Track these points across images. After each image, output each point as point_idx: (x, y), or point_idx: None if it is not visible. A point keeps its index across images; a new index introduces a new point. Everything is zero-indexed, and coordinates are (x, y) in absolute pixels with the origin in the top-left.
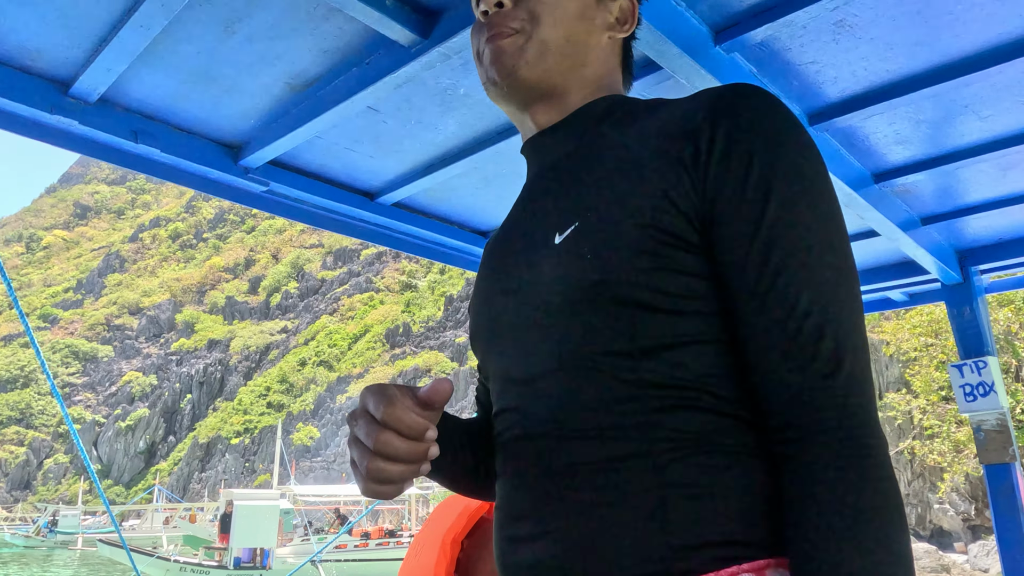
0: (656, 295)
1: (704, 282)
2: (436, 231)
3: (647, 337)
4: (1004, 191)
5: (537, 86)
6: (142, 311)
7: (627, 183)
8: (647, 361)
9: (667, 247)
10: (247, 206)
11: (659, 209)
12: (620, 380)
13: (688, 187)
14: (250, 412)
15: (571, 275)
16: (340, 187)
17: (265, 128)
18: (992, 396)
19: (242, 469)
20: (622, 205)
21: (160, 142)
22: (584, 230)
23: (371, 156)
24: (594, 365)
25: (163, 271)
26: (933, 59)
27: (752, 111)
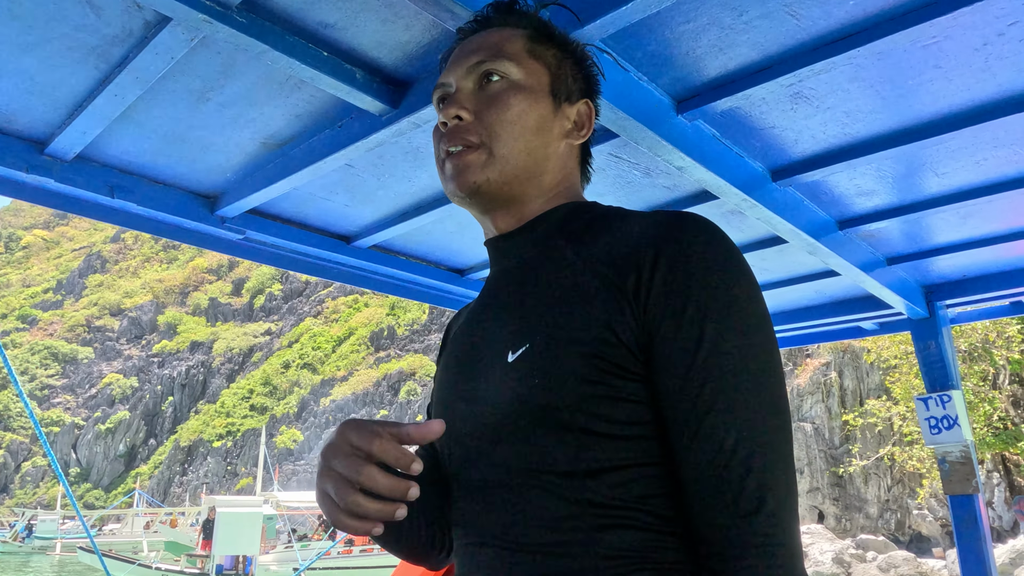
0: (600, 421)
1: (647, 408)
2: (414, 271)
3: (591, 460)
4: (965, 235)
5: (497, 197)
6: (123, 312)
7: (574, 310)
8: (590, 482)
9: (610, 375)
10: (224, 254)
11: (602, 340)
12: (564, 499)
13: (630, 318)
14: (233, 415)
15: (521, 396)
16: (316, 232)
17: (241, 181)
18: (956, 429)
19: (224, 472)
20: (568, 332)
21: (137, 196)
22: (534, 353)
23: (346, 205)
24: (540, 483)
25: (145, 272)
26: (890, 124)
27: (691, 247)
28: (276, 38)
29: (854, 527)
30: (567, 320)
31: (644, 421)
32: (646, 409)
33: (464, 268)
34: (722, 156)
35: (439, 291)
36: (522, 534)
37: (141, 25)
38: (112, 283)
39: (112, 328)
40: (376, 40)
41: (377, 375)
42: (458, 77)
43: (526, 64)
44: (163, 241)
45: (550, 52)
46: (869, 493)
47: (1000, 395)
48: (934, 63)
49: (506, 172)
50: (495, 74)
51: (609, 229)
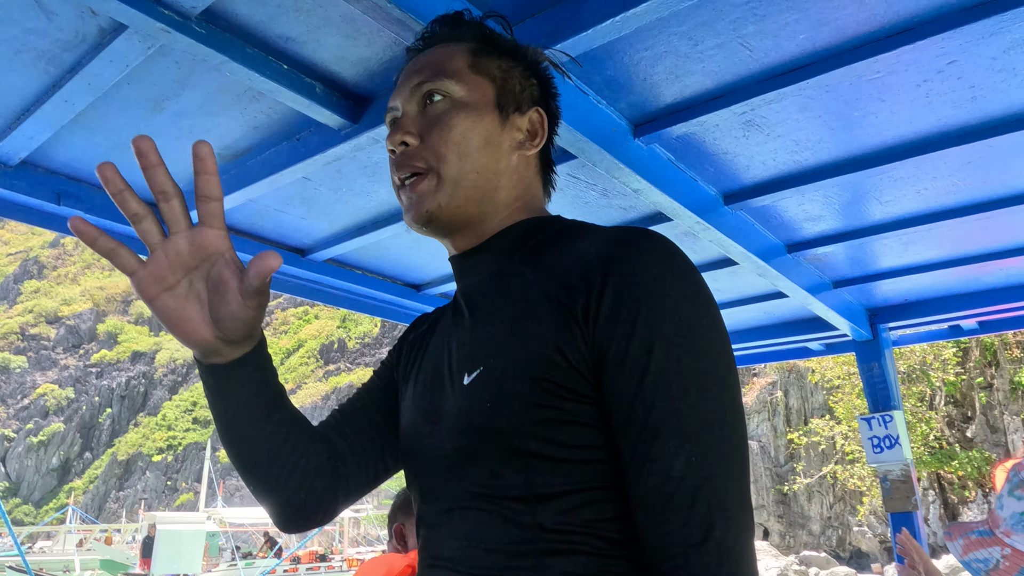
0: (550, 445)
1: (599, 432)
2: (369, 285)
3: (542, 484)
4: (907, 261)
5: (453, 221)
6: (61, 320)
7: (526, 332)
8: (541, 506)
9: (561, 399)
10: None
11: (552, 362)
12: (517, 524)
13: (580, 341)
14: (175, 428)
15: (475, 421)
16: (271, 244)
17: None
18: (897, 448)
19: (164, 488)
20: (519, 356)
21: (84, 204)
22: (487, 377)
23: (302, 218)
24: (493, 508)
25: (86, 279)
26: (836, 154)
27: (642, 266)
28: (236, 50)
29: (797, 543)
30: (518, 343)
31: (596, 445)
32: (598, 433)
33: (420, 283)
34: (677, 179)
35: (394, 306)
36: (474, 559)
37: (95, 31)
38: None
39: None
40: (337, 55)
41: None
42: (403, 100)
43: (468, 79)
44: None
45: (495, 64)
46: (812, 510)
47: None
48: (878, 96)
49: (458, 195)
50: (436, 94)
51: (565, 246)
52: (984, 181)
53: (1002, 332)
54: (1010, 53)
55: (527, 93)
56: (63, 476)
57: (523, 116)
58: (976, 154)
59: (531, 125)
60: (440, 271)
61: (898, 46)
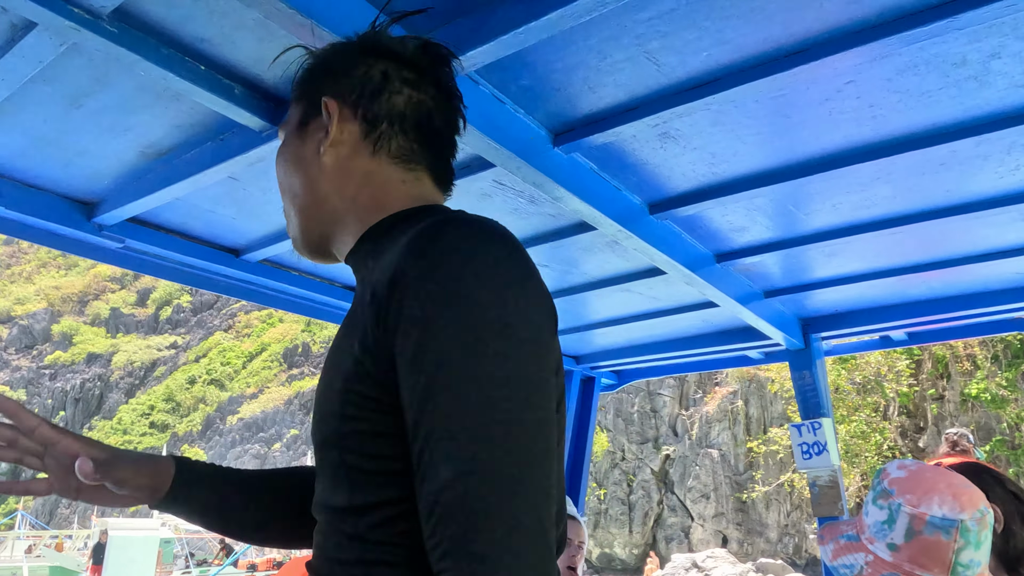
0: (363, 457)
1: (403, 442)
2: (305, 287)
3: (359, 496)
4: (834, 272)
5: (318, 244)
6: (13, 320)
7: (341, 346)
8: (359, 518)
9: (367, 411)
10: (102, 263)
11: (357, 376)
12: (343, 534)
13: (376, 353)
14: (130, 432)
15: (313, 436)
16: (203, 244)
17: (120, 189)
18: (825, 455)
19: None
20: (333, 370)
21: (6, 199)
22: (321, 388)
23: (233, 218)
24: (327, 518)
25: (40, 278)
26: (752, 166)
27: (421, 271)
28: (149, 49)
29: (755, 551)
30: (337, 357)
31: (402, 456)
32: (402, 444)
33: (353, 285)
34: (599, 188)
35: (331, 307)
36: (322, 567)
37: (7, 27)
38: (2, 288)
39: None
40: (254, 57)
41: (289, 392)
42: None
43: (289, 120)
44: None
45: (306, 87)
46: (770, 518)
47: (890, 425)
48: (783, 114)
49: (300, 222)
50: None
51: (388, 252)
52: (893, 197)
53: (929, 343)
54: (903, 75)
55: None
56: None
57: (318, 118)
58: (883, 170)
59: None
60: None
61: (794, 66)
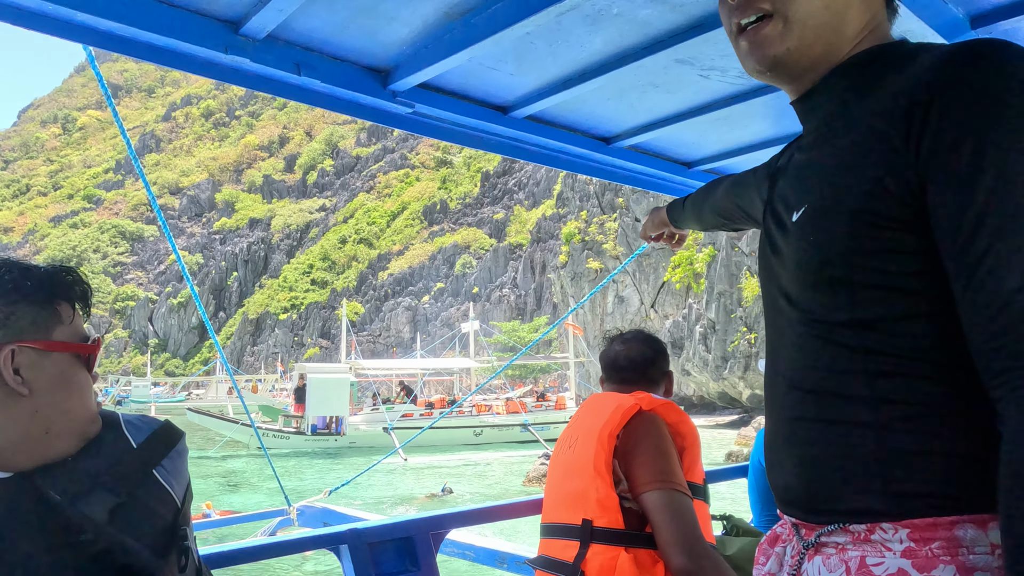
0: (875, 274)
1: (924, 259)
2: (562, 140)
3: (867, 311)
4: None
5: (798, 65)
6: (182, 191)
7: (848, 167)
8: (868, 332)
9: (883, 229)
10: (392, 127)
11: (874, 195)
12: (845, 347)
13: (903, 168)
14: (295, 289)
15: (802, 255)
16: (476, 103)
17: (416, 54)
18: None
19: (291, 343)
20: (841, 190)
21: (319, 72)
22: (810, 213)
23: (511, 74)
24: (822, 332)
25: (199, 150)
26: None
27: (970, 83)
28: None
29: None
30: (840, 178)
31: (925, 271)
32: (923, 259)
33: (610, 136)
34: None
35: (584, 159)
36: (806, 377)
37: None
38: (168, 162)
39: (173, 207)
40: None
41: (432, 249)
42: None
43: None
44: (213, 118)
45: None
46: None
47: None
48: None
49: (806, 37)
50: None
51: (896, 73)
52: None
53: None
54: None
55: None
56: (203, 333)
57: None
58: None
59: None
60: (634, 122)
61: None
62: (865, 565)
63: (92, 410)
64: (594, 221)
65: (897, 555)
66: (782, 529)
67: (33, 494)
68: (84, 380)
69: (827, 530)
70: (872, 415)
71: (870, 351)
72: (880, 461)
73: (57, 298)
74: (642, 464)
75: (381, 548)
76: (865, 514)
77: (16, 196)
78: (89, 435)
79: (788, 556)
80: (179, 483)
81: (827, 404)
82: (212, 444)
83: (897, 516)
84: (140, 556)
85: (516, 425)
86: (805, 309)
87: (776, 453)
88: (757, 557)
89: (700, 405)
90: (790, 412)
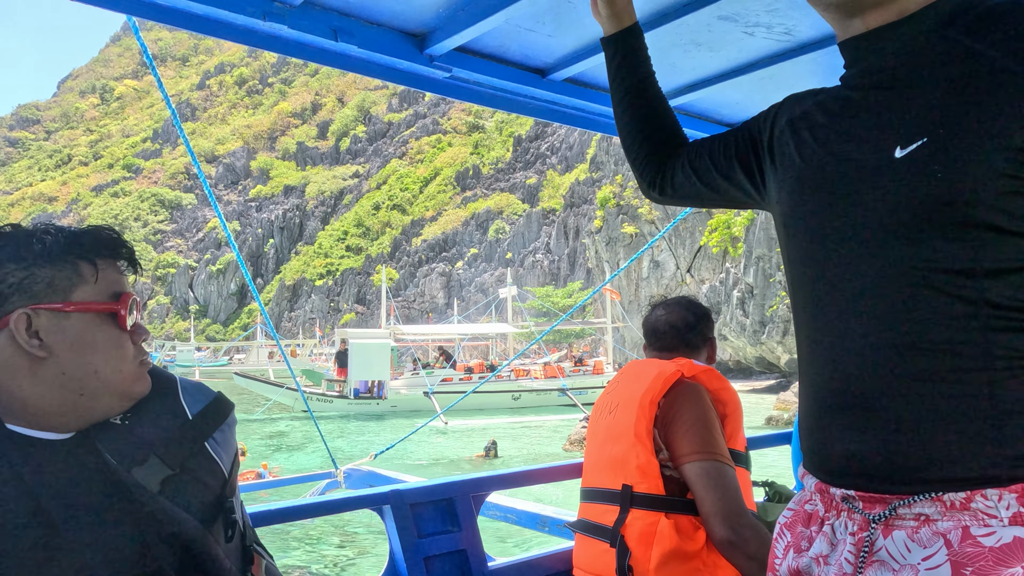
0: (1009, 217)
1: None
2: (602, 103)
3: (992, 259)
4: None
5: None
6: (218, 159)
7: (986, 101)
8: (990, 281)
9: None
10: (429, 92)
11: (1010, 131)
12: (959, 298)
13: None
14: (330, 255)
15: (916, 192)
16: (514, 66)
17: (452, 17)
18: None
19: (328, 309)
20: (981, 123)
21: (356, 38)
22: (934, 147)
23: (549, 35)
24: (927, 282)
25: (233, 118)
26: None
27: None
28: None
29: None
30: (977, 110)
31: None
32: None
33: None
34: None
35: None
36: (907, 331)
37: None
38: (203, 130)
39: (209, 175)
40: None
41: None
42: None
43: None
44: (247, 85)
45: None
46: None
47: None
48: None
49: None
50: None
51: (1014, 20)
52: None
53: None
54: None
55: None
56: (241, 299)
57: None
58: None
59: None
60: (677, 83)
61: None
62: (971, 536)
63: (128, 369)
64: (629, 185)
65: (1006, 523)
66: (814, 506)
67: (95, 455)
68: (113, 338)
69: (908, 501)
70: (986, 372)
71: (988, 303)
72: (991, 420)
73: (74, 257)
74: (683, 435)
75: (422, 509)
76: (966, 480)
77: (59, 166)
78: (134, 395)
79: (844, 533)
80: (227, 454)
81: (932, 361)
82: (256, 408)
83: (1006, 481)
84: (188, 526)
85: (554, 390)
86: (908, 257)
87: (837, 419)
88: (794, 543)
89: (737, 370)
90: (878, 372)
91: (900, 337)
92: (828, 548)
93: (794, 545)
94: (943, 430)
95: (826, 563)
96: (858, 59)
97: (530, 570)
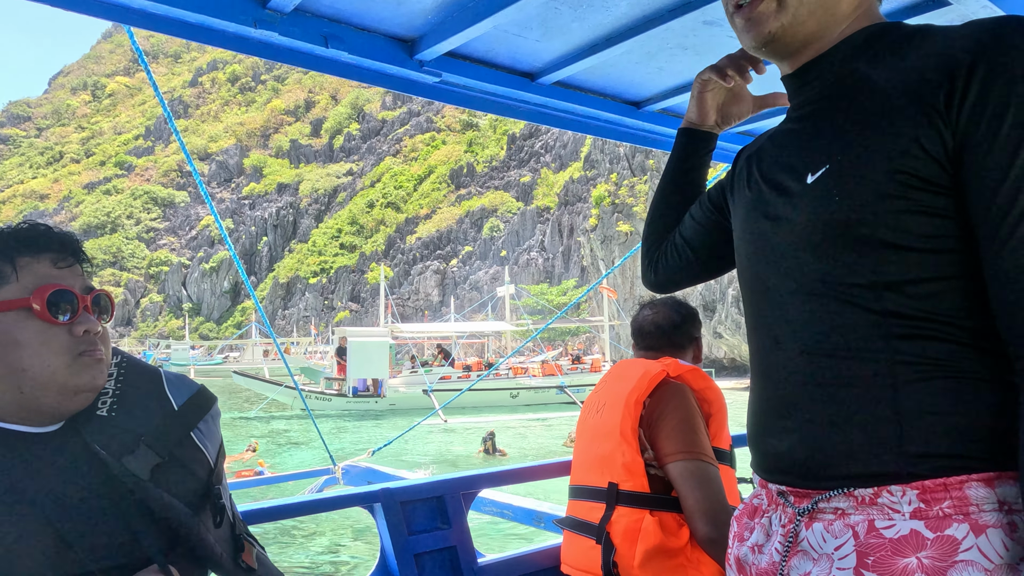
0: (903, 235)
1: (955, 222)
2: (591, 105)
3: (891, 272)
4: None
5: (793, 42)
6: (211, 156)
7: (877, 129)
8: (890, 293)
9: (915, 190)
10: (420, 96)
11: (908, 154)
12: (865, 309)
13: (941, 130)
14: (324, 253)
15: (821, 214)
16: (503, 71)
17: (441, 23)
18: None
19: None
20: (871, 151)
21: (347, 44)
22: (834, 173)
23: (537, 40)
24: (840, 294)
25: (226, 116)
26: None
27: (1015, 54)
28: None
29: None
30: (869, 139)
31: (950, 235)
32: (953, 223)
33: (640, 100)
34: None
35: (614, 124)
36: (820, 341)
37: None
38: (196, 128)
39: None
40: None
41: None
42: None
43: None
44: (239, 83)
45: None
46: None
47: None
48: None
49: (799, 14)
50: None
51: (916, 46)
52: None
53: None
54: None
55: None
56: (235, 297)
57: None
58: None
59: None
60: (663, 86)
61: None
62: (875, 528)
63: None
64: (624, 184)
65: (907, 517)
66: (760, 500)
67: (82, 447)
68: (38, 333)
69: (827, 496)
70: (889, 377)
71: (890, 313)
72: (894, 422)
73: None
74: (668, 435)
75: (413, 507)
76: (873, 477)
77: (50, 163)
78: (77, 387)
79: (776, 525)
80: (212, 444)
81: (842, 367)
82: (254, 406)
83: (907, 478)
84: (179, 511)
85: (552, 387)
86: (819, 273)
87: (770, 420)
88: (739, 533)
89: (732, 368)
90: (798, 377)
91: (816, 346)
92: (764, 539)
93: (739, 535)
94: (853, 430)
95: (760, 552)
96: (794, 94)
97: (519, 566)
